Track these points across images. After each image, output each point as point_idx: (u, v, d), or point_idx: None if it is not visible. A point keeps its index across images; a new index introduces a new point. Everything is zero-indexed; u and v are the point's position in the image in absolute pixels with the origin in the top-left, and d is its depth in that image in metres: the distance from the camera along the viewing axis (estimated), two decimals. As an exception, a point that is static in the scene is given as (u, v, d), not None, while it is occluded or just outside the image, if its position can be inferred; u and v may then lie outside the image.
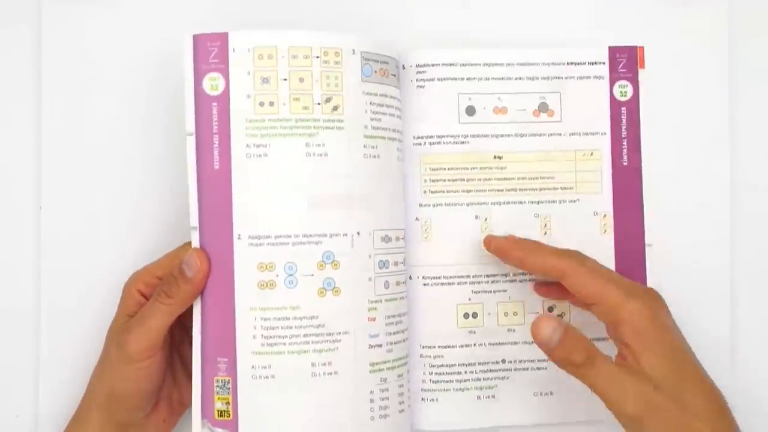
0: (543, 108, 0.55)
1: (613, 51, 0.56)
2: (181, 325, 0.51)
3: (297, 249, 0.49)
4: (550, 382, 0.55)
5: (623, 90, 0.56)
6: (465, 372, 0.54)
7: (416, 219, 0.54)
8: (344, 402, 0.50)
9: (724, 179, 0.58)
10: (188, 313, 0.50)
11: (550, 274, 0.50)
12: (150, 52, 0.56)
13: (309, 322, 0.49)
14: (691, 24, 0.58)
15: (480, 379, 0.54)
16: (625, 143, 0.56)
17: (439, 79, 0.55)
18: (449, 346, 0.54)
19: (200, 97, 0.50)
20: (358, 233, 0.50)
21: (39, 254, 0.55)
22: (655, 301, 0.48)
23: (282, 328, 0.49)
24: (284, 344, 0.49)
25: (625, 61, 0.56)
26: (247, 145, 0.49)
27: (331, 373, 0.50)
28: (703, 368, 0.47)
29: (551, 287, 0.54)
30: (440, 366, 0.54)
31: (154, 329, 0.49)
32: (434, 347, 0.54)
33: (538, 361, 0.55)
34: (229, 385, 0.50)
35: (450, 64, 0.55)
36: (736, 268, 0.57)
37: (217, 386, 0.50)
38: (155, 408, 0.52)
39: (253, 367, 0.49)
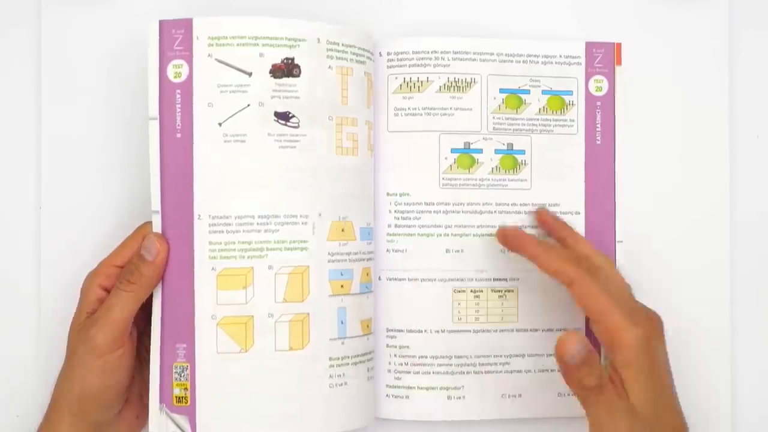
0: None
1: (590, 46, 0.57)
2: (147, 319, 0.51)
3: (258, 234, 0.50)
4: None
5: (599, 85, 0.57)
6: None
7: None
8: (303, 386, 0.51)
9: (723, 183, 0.58)
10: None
11: (557, 278, 0.50)
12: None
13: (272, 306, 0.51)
14: (690, 23, 0.58)
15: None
16: (599, 137, 0.57)
17: (411, 65, 0.56)
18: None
19: (164, 84, 0.50)
20: (319, 219, 0.52)
21: (39, 254, 0.56)
22: (654, 330, 0.48)
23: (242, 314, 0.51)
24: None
25: (602, 56, 0.57)
26: (213, 133, 0.50)
27: (293, 357, 0.51)
28: (678, 399, 0.48)
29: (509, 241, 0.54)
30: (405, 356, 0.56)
31: (119, 318, 0.49)
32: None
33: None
34: (188, 372, 0.50)
35: (421, 52, 0.56)
36: (736, 272, 0.58)
37: (176, 372, 0.50)
38: (127, 405, 0.52)
39: (212, 353, 0.50)
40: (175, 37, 0.50)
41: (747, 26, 0.59)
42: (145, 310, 0.51)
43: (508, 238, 0.53)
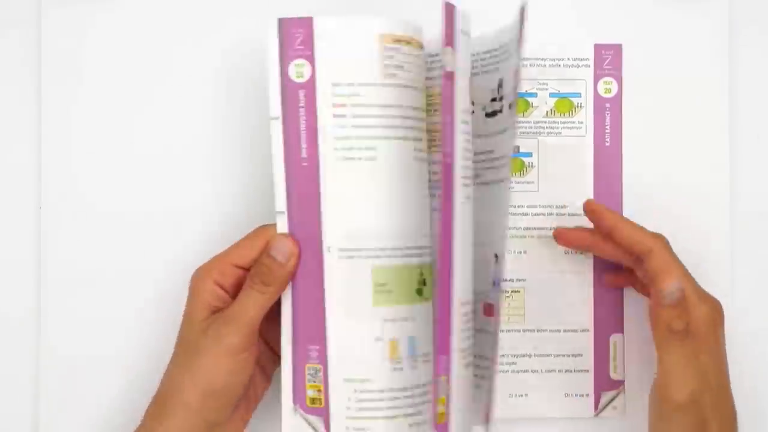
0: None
1: (599, 48, 0.57)
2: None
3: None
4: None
5: (608, 87, 0.57)
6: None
7: None
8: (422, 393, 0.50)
9: (723, 183, 0.58)
10: None
11: (634, 248, 0.51)
12: (151, 50, 0.57)
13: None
14: (690, 23, 0.58)
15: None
16: (608, 139, 0.57)
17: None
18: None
19: (286, 84, 0.49)
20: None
21: (39, 254, 0.55)
22: (718, 312, 0.51)
23: None
24: None
25: (611, 58, 0.57)
26: (337, 141, 0.48)
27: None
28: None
29: (619, 275, 0.56)
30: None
31: (252, 319, 0.48)
32: None
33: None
34: (321, 374, 0.49)
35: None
36: (736, 272, 0.58)
37: (309, 374, 0.49)
38: (238, 406, 0.51)
39: (345, 356, 0.49)
40: (296, 36, 0.48)
41: (747, 26, 0.59)
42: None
43: (588, 211, 0.54)
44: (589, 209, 0.54)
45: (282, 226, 0.49)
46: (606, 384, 0.56)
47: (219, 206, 0.57)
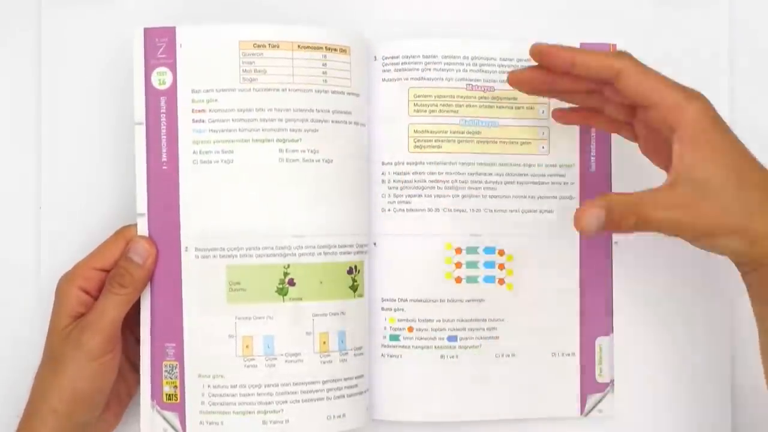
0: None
1: (584, 48, 0.54)
2: (130, 319, 0.52)
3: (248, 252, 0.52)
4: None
5: None
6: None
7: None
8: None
9: None
10: None
11: (602, 74, 0.46)
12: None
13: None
14: (690, 23, 0.58)
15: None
16: (593, 142, 0.56)
17: (396, 70, 0.55)
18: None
19: (149, 91, 0.52)
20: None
21: (39, 254, 0.56)
22: (710, 104, 0.46)
23: None
24: None
25: None
26: (195, 144, 0.51)
27: (279, 357, 0.52)
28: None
29: (572, 113, 0.53)
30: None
31: (112, 322, 0.50)
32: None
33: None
34: (177, 370, 0.52)
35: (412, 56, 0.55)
36: (736, 274, 0.56)
37: (166, 371, 0.52)
38: (108, 403, 0.53)
39: (200, 352, 0.52)
40: (159, 45, 0.51)
41: (747, 26, 0.59)
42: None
43: (537, 53, 0.48)
44: (537, 51, 0.48)
45: (142, 227, 0.52)
46: (592, 387, 0.56)
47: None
